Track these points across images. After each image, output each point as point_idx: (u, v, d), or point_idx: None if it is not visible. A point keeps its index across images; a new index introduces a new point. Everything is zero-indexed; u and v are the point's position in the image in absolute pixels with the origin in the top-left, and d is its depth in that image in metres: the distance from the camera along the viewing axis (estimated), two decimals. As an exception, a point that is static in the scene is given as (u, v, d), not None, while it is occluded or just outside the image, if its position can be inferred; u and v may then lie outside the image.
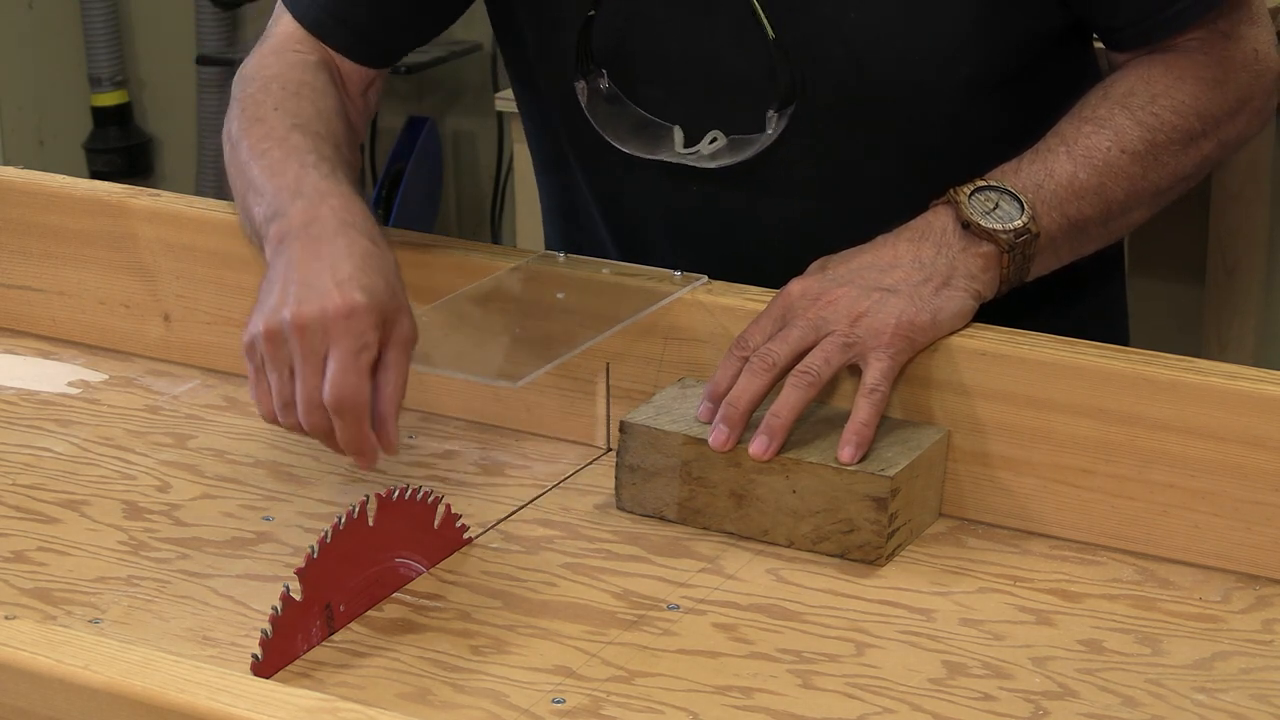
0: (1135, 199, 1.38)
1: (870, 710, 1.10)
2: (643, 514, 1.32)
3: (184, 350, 1.60)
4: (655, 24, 1.44)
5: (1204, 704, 1.11)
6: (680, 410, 1.33)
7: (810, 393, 1.27)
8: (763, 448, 1.26)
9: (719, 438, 1.27)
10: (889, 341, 1.27)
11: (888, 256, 1.32)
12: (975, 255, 1.32)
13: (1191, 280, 3.30)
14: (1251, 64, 1.41)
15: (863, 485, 1.25)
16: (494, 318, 1.43)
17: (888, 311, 1.28)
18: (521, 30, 1.51)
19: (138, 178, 4.02)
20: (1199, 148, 1.39)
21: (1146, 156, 1.37)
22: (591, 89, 1.46)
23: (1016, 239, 1.32)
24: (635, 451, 1.32)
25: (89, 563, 1.29)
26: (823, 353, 1.28)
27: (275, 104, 1.43)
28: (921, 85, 1.41)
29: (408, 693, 1.13)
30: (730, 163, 1.43)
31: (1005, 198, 1.33)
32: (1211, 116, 1.39)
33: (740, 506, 1.29)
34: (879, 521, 1.25)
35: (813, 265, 1.36)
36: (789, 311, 1.30)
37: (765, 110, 1.41)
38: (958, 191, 1.33)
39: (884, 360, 1.27)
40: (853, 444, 1.25)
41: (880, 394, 1.26)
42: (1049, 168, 1.35)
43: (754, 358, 1.29)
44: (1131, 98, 1.38)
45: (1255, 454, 1.23)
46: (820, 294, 1.30)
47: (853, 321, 1.28)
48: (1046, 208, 1.34)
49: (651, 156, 1.45)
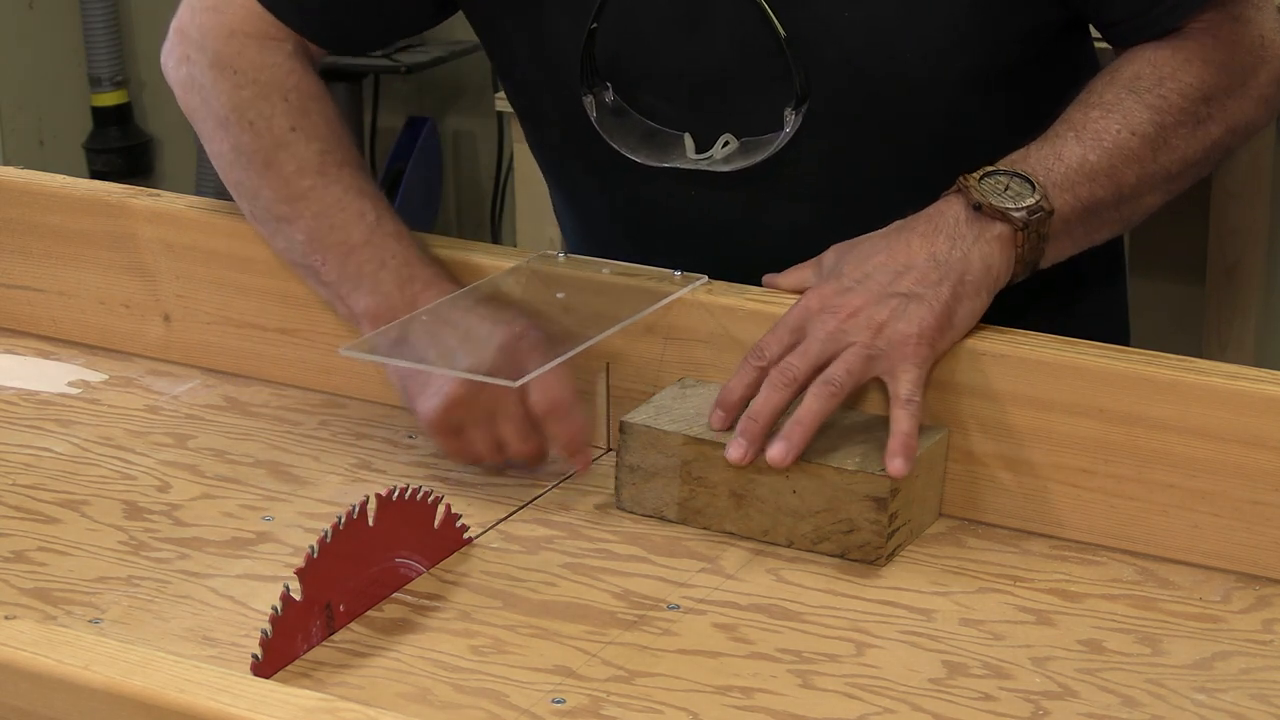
0: (1146, 182, 1.37)
1: (870, 710, 1.10)
2: (643, 514, 1.32)
3: (184, 350, 1.60)
4: (654, 34, 1.44)
5: (1204, 704, 1.11)
6: (680, 410, 1.33)
7: (832, 403, 1.26)
8: (782, 454, 1.25)
9: (737, 452, 1.27)
10: (913, 351, 1.27)
11: (902, 256, 1.31)
12: (990, 240, 1.31)
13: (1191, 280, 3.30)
14: (1257, 49, 1.41)
15: (863, 485, 1.25)
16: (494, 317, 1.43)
17: (909, 321, 1.27)
18: (510, 43, 1.51)
19: (138, 178, 4.02)
20: (1207, 131, 1.39)
21: (1156, 139, 1.36)
22: (599, 102, 1.46)
23: (1030, 216, 1.30)
24: (635, 451, 1.32)
25: (89, 563, 1.29)
26: (845, 364, 1.27)
27: (290, 123, 1.46)
28: (918, 82, 1.41)
29: (408, 693, 1.13)
30: (745, 165, 1.43)
31: (1016, 180, 1.32)
32: (1218, 100, 1.39)
33: (740, 506, 1.29)
34: (879, 522, 1.25)
35: (826, 254, 1.36)
36: (807, 323, 1.30)
37: (776, 110, 1.41)
38: (967, 178, 1.32)
39: (912, 371, 1.27)
40: (901, 456, 1.24)
41: (916, 404, 1.26)
42: (1058, 151, 1.34)
43: (774, 371, 1.28)
44: (1139, 81, 1.37)
45: (1255, 454, 1.23)
46: (839, 305, 1.29)
47: (875, 333, 1.27)
48: (1058, 189, 1.32)
49: (664, 164, 1.45)
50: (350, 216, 1.43)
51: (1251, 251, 3.20)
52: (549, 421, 1.35)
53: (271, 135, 1.46)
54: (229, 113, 1.47)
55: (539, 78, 1.51)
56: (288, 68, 1.49)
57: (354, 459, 1.43)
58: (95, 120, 4.09)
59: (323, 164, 1.45)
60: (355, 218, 1.43)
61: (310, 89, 1.49)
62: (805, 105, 1.40)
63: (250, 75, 1.48)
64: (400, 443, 1.45)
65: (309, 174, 1.45)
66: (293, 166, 1.45)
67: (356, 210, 1.44)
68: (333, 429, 1.48)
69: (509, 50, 1.52)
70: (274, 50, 1.49)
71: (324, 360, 1.52)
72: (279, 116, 1.46)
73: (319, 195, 1.44)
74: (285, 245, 1.47)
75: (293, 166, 1.45)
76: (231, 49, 1.49)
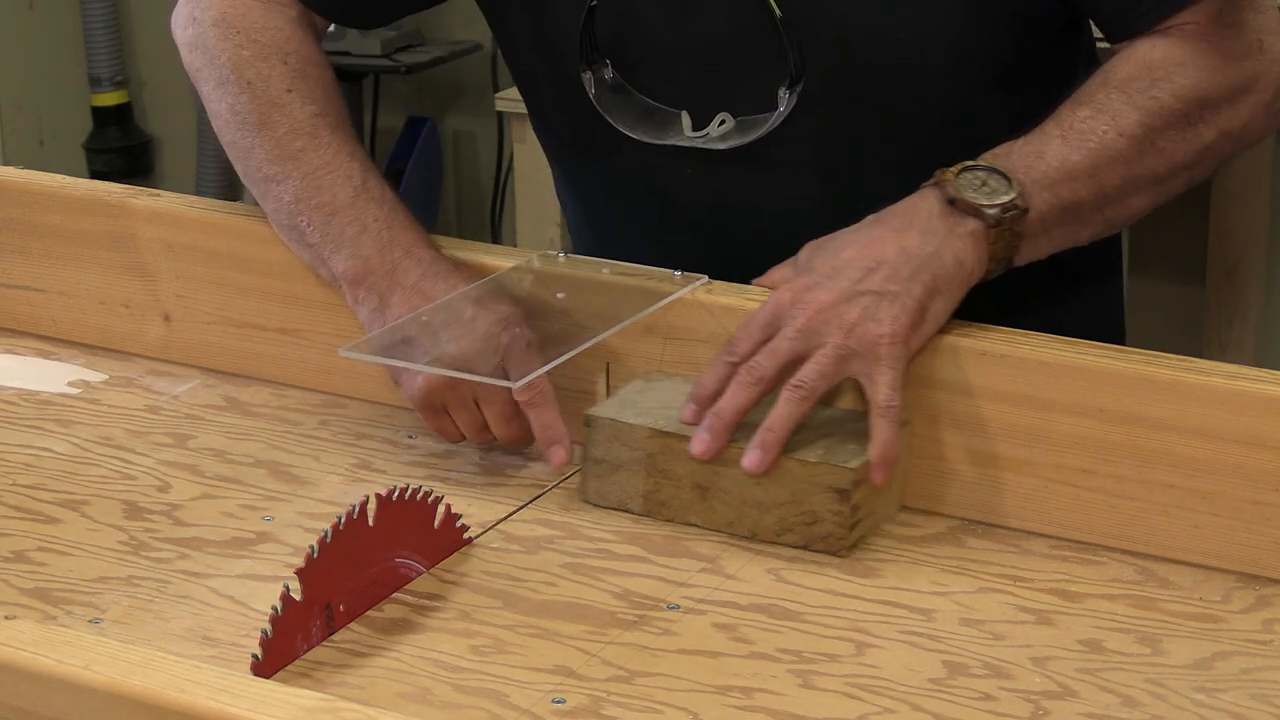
0: (1132, 184, 1.37)
1: (870, 710, 1.10)
2: (608, 507, 1.33)
3: (184, 350, 1.60)
4: (653, 13, 1.45)
5: (1204, 704, 1.11)
6: (645, 404, 1.33)
7: (804, 407, 1.26)
8: (756, 462, 1.26)
9: (701, 445, 1.27)
10: (887, 352, 1.26)
11: (873, 251, 1.30)
12: (962, 236, 1.30)
13: (1191, 280, 3.31)
14: (1255, 54, 1.40)
15: (825, 477, 1.25)
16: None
17: (880, 320, 1.27)
18: (512, 22, 1.52)
19: (138, 178, 4.02)
20: (1199, 135, 1.38)
21: (1144, 140, 1.36)
22: (598, 79, 1.46)
23: (1004, 214, 1.30)
24: (600, 445, 1.32)
25: (89, 563, 1.29)
26: (817, 366, 1.27)
27: (288, 84, 1.48)
28: (914, 68, 1.41)
29: (408, 693, 1.13)
30: (740, 143, 1.44)
31: (994, 176, 1.32)
32: (1212, 103, 1.38)
33: (705, 499, 1.30)
34: (841, 513, 1.26)
35: (801, 252, 1.36)
36: (778, 319, 1.30)
37: (771, 89, 1.42)
38: (945, 172, 1.32)
39: (887, 373, 1.26)
40: (882, 467, 1.25)
41: (895, 407, 1.25)
42: (1040, 150, 1.34)
43: (743, 370, 1.28)
44: (1131, 83, 1.37)
45: (1255, 454, 1.23)
46: (809, 300, 1.29)
47: (847, 333, 1.27)
48: (1037, 188, 1.32)
49: (661, 142, 1.46)
50: (337, 178, 1.45)
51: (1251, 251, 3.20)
52: (526, 413, 1.36)
53: (268, 95, 1.48)
54: (229, 72, 1.49)
55: (539, 57, 1.52)
56: (289, 32, 1.51)
57: (354, 459, 1.43)
58: (95, 120, 4.09)
59: (315, 126, 1.46)
60: (342, 180, 1.44)
61: (310, 55, 1.51)
62: (800, 85, 1.41)
63: (252, 36, 1.50)
64: (400, 443, 1.45)
65: (301, 135, 1.46)
66: (285, 127, 1.46)
67: (344, 172, 1.45)
68: (333, 429, 1.48)
69: (511, 32, 1.53)
70: (278, 15, 1.52)
71: (324, 360, 1.52)
72: (276, 78, 1.48)
73: (308, 157, 1.45)
74: (274, 206, 1.48)
75: (285, 127, 1.46)
76: (236, 10, 1.52)
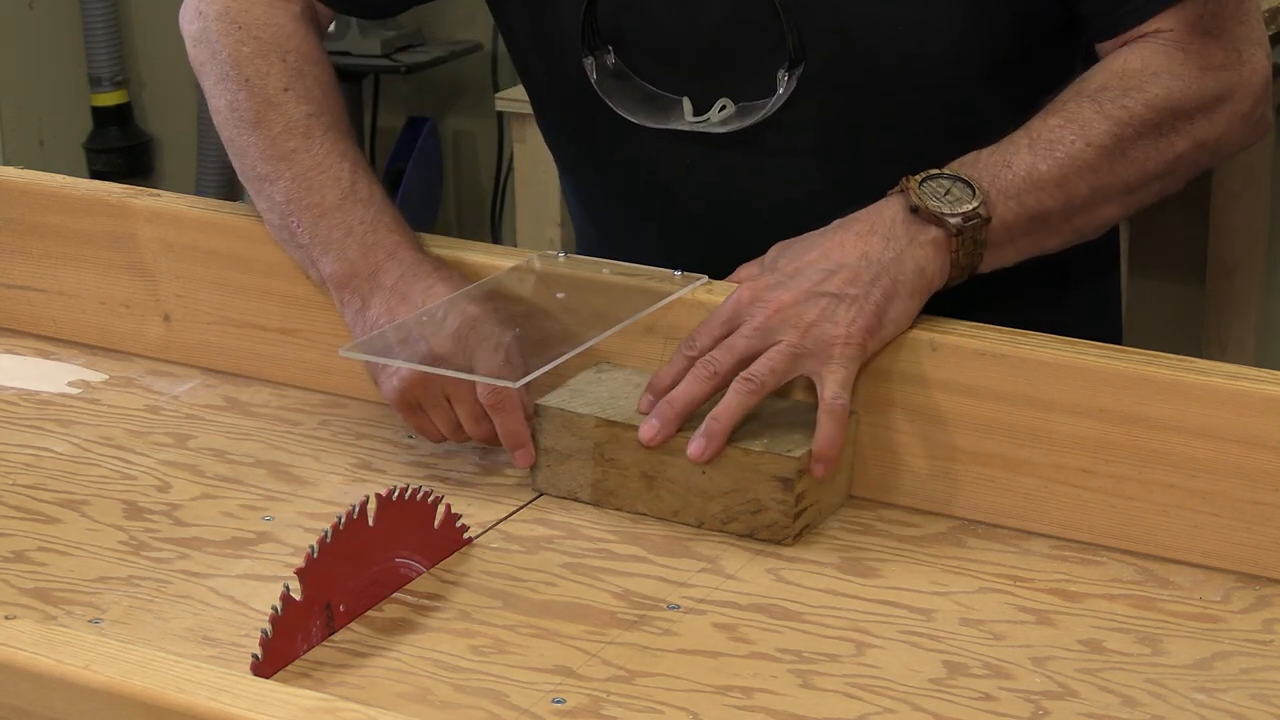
0: (1101, 194, 1.37)
1: (870, 710, 1.10)
2: (558, 495, 1.34)
3: (184, 350, 1.60)
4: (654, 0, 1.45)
5: (1204, 704, 1.11)
6: (594, 393, 1.34)
7: (752, 400, 1.28)
8: (700, 449, 1.27)
9: (648, 432, 1.29)
10: (840, 352, 1.28)
11: (836, 254, 1.31)
12: (924, 244, 1.31)
13: (1191, 280, 3.31)
14: (1234, 64, 1.39)
15: (770, 466, 1.26)
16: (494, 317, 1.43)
17: (836, 322, 1.28)
18: (513, 14, 1.53)
19: (138, 178, 4.02)
20: (1171, 145, 1.38)
21: (1113, 151, 1.35)
22: (599, 65, 1.47)
23: (965, 223, 1.31)
24: (550, 434, 1.33)
25: (89, 563, 1.29)
26: (769, 361, 1.28)
27: (285, 82, 1.48)
28: (913, 58, 1.41)
29: (408, 693, 1.13)
30: (740, 126, 1.45)
31: (958, 184, 1.33)
32: (1185, 113, 1.38)
33: (651, 488, 1.30)
34: (786, 502, 1.26)
35: (769, 252, 1.37)
36: (738, 316, 1.31)
37: (771, 76, 1.42)
38: (910, 179, 1.33)
39: (838, 372, 1.27)
40: (824, 461, 1.27)
41: (841, 405, 1.27)
42: (1007, 159, 1.34)
43: (699, 364, 1.30)
44: (1104, 92, 1.37)
45: (1255, 454, 1.23)
46: (769, 299, 1.30)
47: (802, 333, 1.28)
48: (1002, 196, 1.33)
49: (662, 126, 1.47)
50: (327, 179, 1.45)
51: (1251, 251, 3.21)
52: (492, 416, 1.36)
53: (265, 93, 1.48)
54: (230, 68, 1.50)
55: (541, 45, 1.52)
56: (290, 29, 1.51)
57: (354, 459, 1.43)
58: (95, 120, 4.09)
59: (309, 126, 1.46)
60: (332, 181, 1.45)
61: (310, 52, 1.51)
62: (799, 69, 1.41)
63: (253, 32, 1.50)
64: (400, 443, 1.45)
65: (294, 135, 1.46)
66: (280, 126, 1.47)
67: (334, 174, 1.45)
68: (333, 429, 1.48)
69: (512, 23, 1.54)
70: (281, 11, 1.52)
71: (324, 360, 1.52)
72: (274, 75, 1.48)
73: (300, 157, 1.45)
74: (266, 205, 1.48)
75: (280, 126, 1.47)
76: (240, 5, 1.52)
